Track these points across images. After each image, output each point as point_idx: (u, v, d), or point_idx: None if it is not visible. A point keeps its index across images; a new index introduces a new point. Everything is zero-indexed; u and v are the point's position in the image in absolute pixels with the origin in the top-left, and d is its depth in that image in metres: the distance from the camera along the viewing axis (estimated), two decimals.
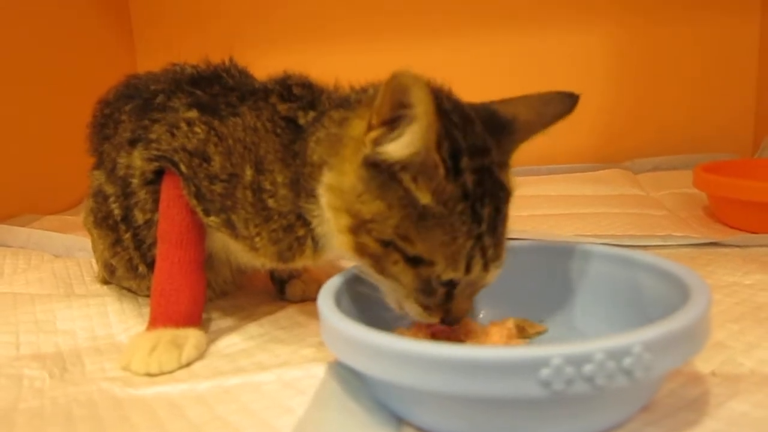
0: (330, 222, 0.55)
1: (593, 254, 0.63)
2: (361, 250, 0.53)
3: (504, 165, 0.54)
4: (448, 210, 0.49)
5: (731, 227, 1.05)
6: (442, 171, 0.48)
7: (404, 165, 0.49)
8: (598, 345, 0.38)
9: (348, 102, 0.58)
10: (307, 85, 0.64)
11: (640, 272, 0.57)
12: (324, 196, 0.55)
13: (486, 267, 0.52)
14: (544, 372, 0.37)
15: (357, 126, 0.53)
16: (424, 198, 0.49)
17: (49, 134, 1.48)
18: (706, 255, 0.90)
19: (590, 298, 0.61)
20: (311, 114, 0.60)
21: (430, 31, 1.78)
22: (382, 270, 0.53)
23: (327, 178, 0.54)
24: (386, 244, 0.51)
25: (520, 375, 0.38)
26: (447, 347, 0.40)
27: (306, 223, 0.58)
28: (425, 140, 0.47)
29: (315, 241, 0.59)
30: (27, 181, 1.43)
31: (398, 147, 0.49)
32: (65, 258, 1.04)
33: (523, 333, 0.61)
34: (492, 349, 0.38)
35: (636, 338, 0.38)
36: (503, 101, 0.59)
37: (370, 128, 0.50)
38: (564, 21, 1.73)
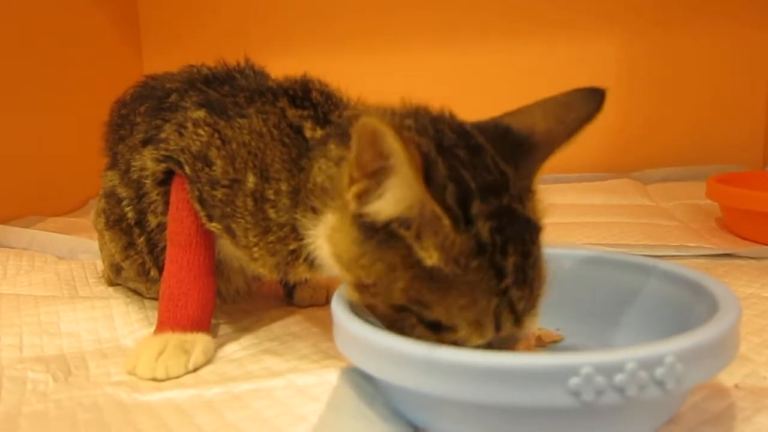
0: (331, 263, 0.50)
1: (609, 262, 0.61)
2: (372, 310, 0.47)
3: (526, 194, 0.46)
4: (461, 268, 0.42)
5: (744, 239, 1.04)
6: (447, 222, 0.41)
7: (402, 221, 0.43)
8: (629, 354, 0.36)
9: (347, 134, 0.49)
10: (326, 94, 0.60)
11: (661, 281, 0.56)
12: (324, 241, 0.50)
13: (518, 321, 0.44)
14: (574, 381, 0.36)
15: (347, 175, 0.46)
16: (431, 258, 0.42)
17: (55, 136, 1.47)
18: (722, 266, 0.89)
19: (607, 307, 0.60)
20: (319, 132, 0.56)
21: (439, 37, 1.77)
22: (400, 332, 0.45)
23: (329, 219, 0.50)
24: (399, 309, 0.45)
25: (548, 384, 0.36)
26: (470, 353, 0.38)
27: (299, 237, 0.55)
28: (413, 192, 0.40)
29: (308, 258, 0.55)
30: (32, 182, 1.42)
31: (385, 204, 0.42)
32: (69, 260, 1.03)
33: (538, 342, 0.59)
34: (519, 356, 0.37)
35: (668, 348, 0.37)
36: (517, 112, 0.51)
37: (351, 182, 0.44)
38: (575, 29, 1.72)
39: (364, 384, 0.51)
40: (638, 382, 0.36)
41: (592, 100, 0.49)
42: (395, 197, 0.42)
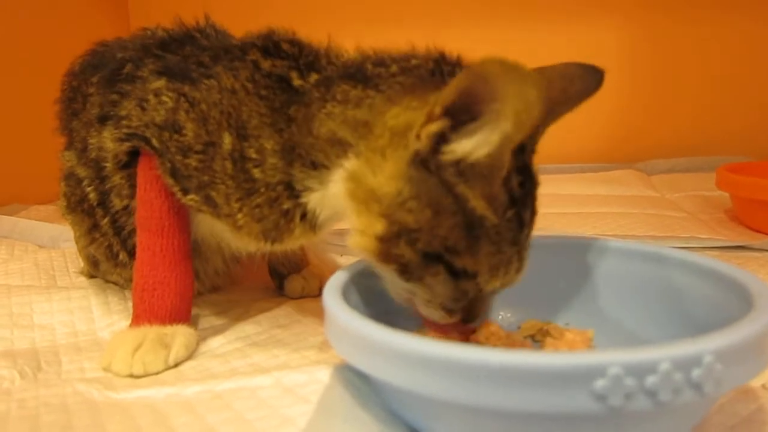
0: (347, 214, 0.49)
1: (620, 251, 0.57)
2: (388, 258, 0.46)
3: (531, 155, 0.48)
4: (498, 218, 0.44)
5: (756, 231, 1.00)
6: (504, 174, 0.43)
7: (463, 168, 0.43)
8: (663, 353, 0.32)
9: (363, 74, 0.50)
10: (297, 43, 0.57)
11: (677, 271, 0.52)
12: (343, 184, 0.48)
13: (519, 269, 0.48)
14: (599, 383, 0.31)
15: (396, 116, 0.46)
16: (479, 207, 0.43)
17: (39, 122, 1.42)
18: (735, 259, 0.85)
19: (636, 302, 0.55)
20: (313, 76, 0.53)
21: (437, 22, 1.73)
22: (411, 278, 0.47)
23: (351, 163, 0.48)
24: (431, 257, 0.45)
25: (570, 386, 0.31)
26: (480, 351, 0.33)
27: (294, 195, 0.52)
28: (508, 143, 0.40)
29: (304, 217, 0.53)
30: (15, 170, 1.38)
31: (472, 145, 0.41)
32: (50, 249, 0.99)
33: (570, 346, 0.54)
34: (536, 355, 0.32)
35: (707, 346, 0.32)
36: None
37: (429, 119, 0.42)
38: (576, 15, 1.68)
39: (359, 383, 0.46)
40: (673, 385, 0.32)
41: (592, 77, 0.52)
42: (484, 141, 0.41)
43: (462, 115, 0.41)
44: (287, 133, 0.51)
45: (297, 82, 0.53)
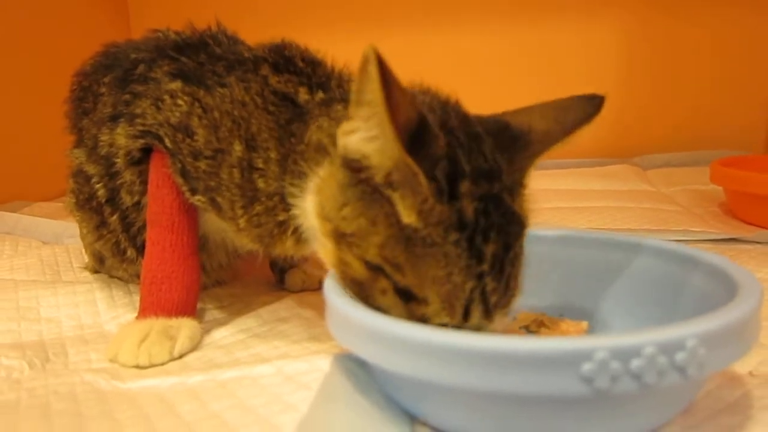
0: (312, 220, 0.49)
1: (625, 245, 0.58)
2: (343, 269, 0.46)
3: (517, 188, 0.46)
4: (438, 236, 0.42)
5: (749, 224, 1.01)
6: (423, 181, 0.40)
7: (385, 177, 0.43)
8: (647, 337, 0.33)
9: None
10: (311, 60, 0.58)
11: (669, 262, 0.53)
12: (314, 193, 0.49)
13: (488, 314, 0.43)
14: (587, 367, 0.33)
15: None
16: (408, 216, 0.42)
17: (41, 119, 1.44)
18: (727, 251, 0.86)
19: (614, 291, 0.57)
20: (320, 95, 0.55)
21: (435, 20, 1.74)
22: (367, 300, 0.45)
23: (323, 171, 0.49)
24: (373, 267, 0.44)
25: (558, 370, 0.33)
26: (474, 337, 0.35)
27: (287, 208, 0.53)
28: (383, 130, 0.40)
29: (296, 231, 0.54)
30: (18, 166, 1.39)
31: (356, 139, 0.42)
32: (54, 244, 1.00)
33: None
34: (527, 341, 0.34)
35: (690, 330, 0.34)
36: (516, 111, 0.52)
37: (347, 119, 0.44)
38: (575, 11, 1.69)
39: (358, 371, 0.48)
40: (657, 368, 0.33)
41: (590, 104, 0.50)
42: (366, 135, 0.42)
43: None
44: (288, 144, 0.53)
45: (303, 97, 0.55)
